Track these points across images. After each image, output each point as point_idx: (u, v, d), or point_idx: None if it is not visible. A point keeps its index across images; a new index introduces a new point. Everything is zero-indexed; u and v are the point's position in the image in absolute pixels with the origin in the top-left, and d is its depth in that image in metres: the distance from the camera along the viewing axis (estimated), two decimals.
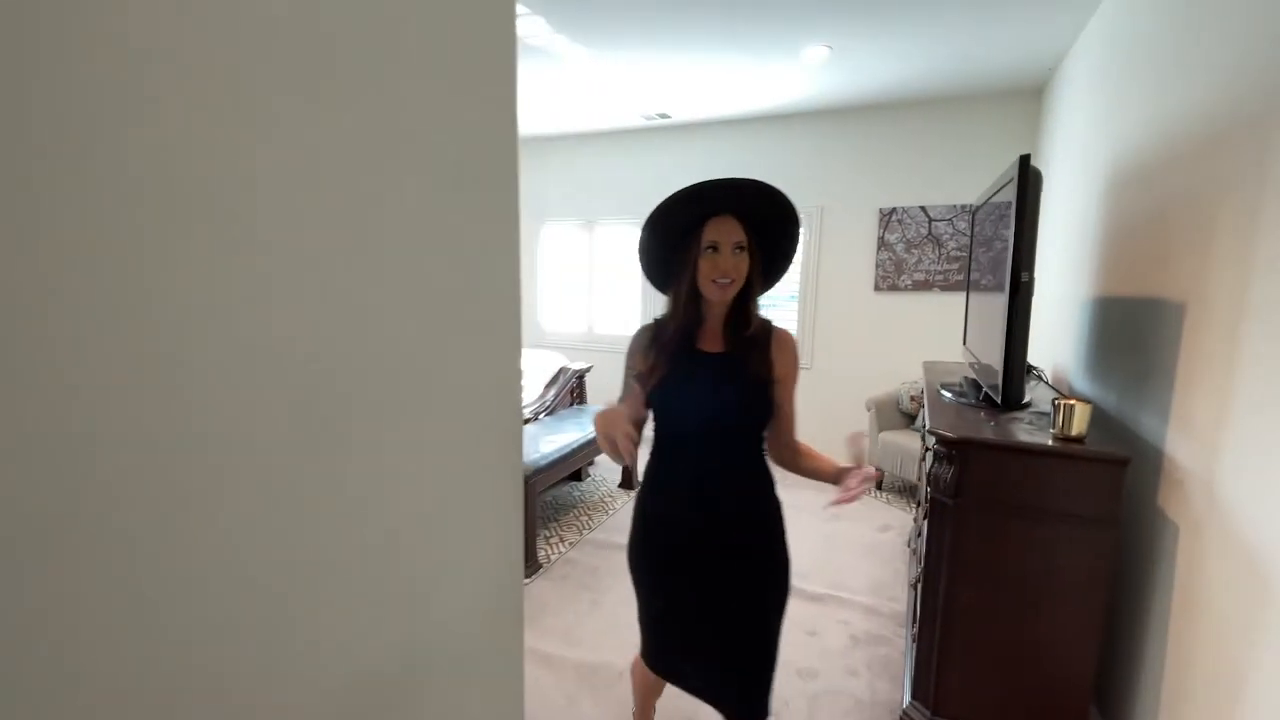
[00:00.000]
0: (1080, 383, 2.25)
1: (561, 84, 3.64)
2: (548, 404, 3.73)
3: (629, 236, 4.98)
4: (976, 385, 2.22)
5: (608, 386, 5.14)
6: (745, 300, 1.27)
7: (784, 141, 4.32)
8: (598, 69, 3.36)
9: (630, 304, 5.02)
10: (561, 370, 4.01)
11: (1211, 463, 1.26)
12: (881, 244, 4.10)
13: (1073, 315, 2.45)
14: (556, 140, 5.12)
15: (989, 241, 2.17)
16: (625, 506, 3.55)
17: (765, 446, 1.37)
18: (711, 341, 1.28)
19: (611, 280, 5.11)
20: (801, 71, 3.36)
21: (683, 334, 1.26)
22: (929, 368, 2.79)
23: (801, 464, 1.47)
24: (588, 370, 4.17)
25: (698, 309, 1.26)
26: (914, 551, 2.52)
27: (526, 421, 3.48)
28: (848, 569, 2.85)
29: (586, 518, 3.38)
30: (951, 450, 1.59)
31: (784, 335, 1.32)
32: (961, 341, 2.66)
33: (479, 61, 0.47)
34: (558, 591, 2.60)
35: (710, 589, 1.30)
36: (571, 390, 4.07)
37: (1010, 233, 1.66)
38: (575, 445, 3.18)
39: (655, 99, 3.92)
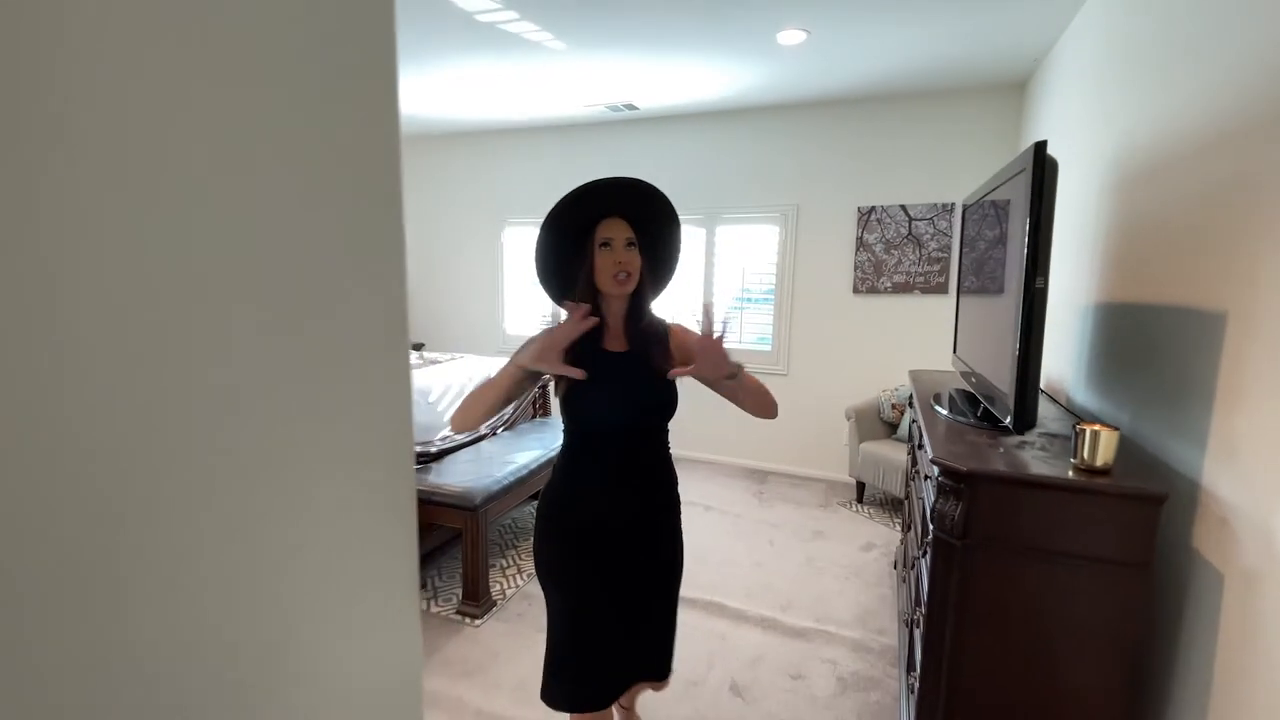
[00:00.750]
0: (1082, 396, 2.08)
1: (519, 72, 3.37)
2: (506, 418, 3.46)
3: None
4: (972, 399, 2.03)
5: None
6: (641, 299, 1.34)
7: (758, 135, 4.12)
8: (560, 54, 3.11)
9: None
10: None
11: (1272, 501, 1.08)
12: (860, 244, 3.94)
13: (1070, 321, 2.29)
14: (513, 134, 4.84)
15: (985, 242, 1.99)
16: None
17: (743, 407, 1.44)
18: (615, 341, 1.34)
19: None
20: (777, 59, 3.16)
21: (587, 334, 1.25)
22: (916, 378, 2.61)
23: (747, 396, 1.45)
24: (550, 380, 3.90)
25: (598, 309, 1.29)
26: (904, 580, 2.34)
27: (481, 438, 3.21)
28: (832, 596, 2.65)
29: None
30: (959, 484, 1.38)
31: (677, 328, 1.44)
32: (951, 349, 2.49)
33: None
34: (511, 635, 2.34)
35: (630, 581, 1.35)
36: (534, 402, 3.80)
37: (1021, 232, 1.47)
38: (536, 463, 2.92)
39: (622, 88, 3.68)
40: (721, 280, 4.34)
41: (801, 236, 4.09)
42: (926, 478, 1.62)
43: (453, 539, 2.98)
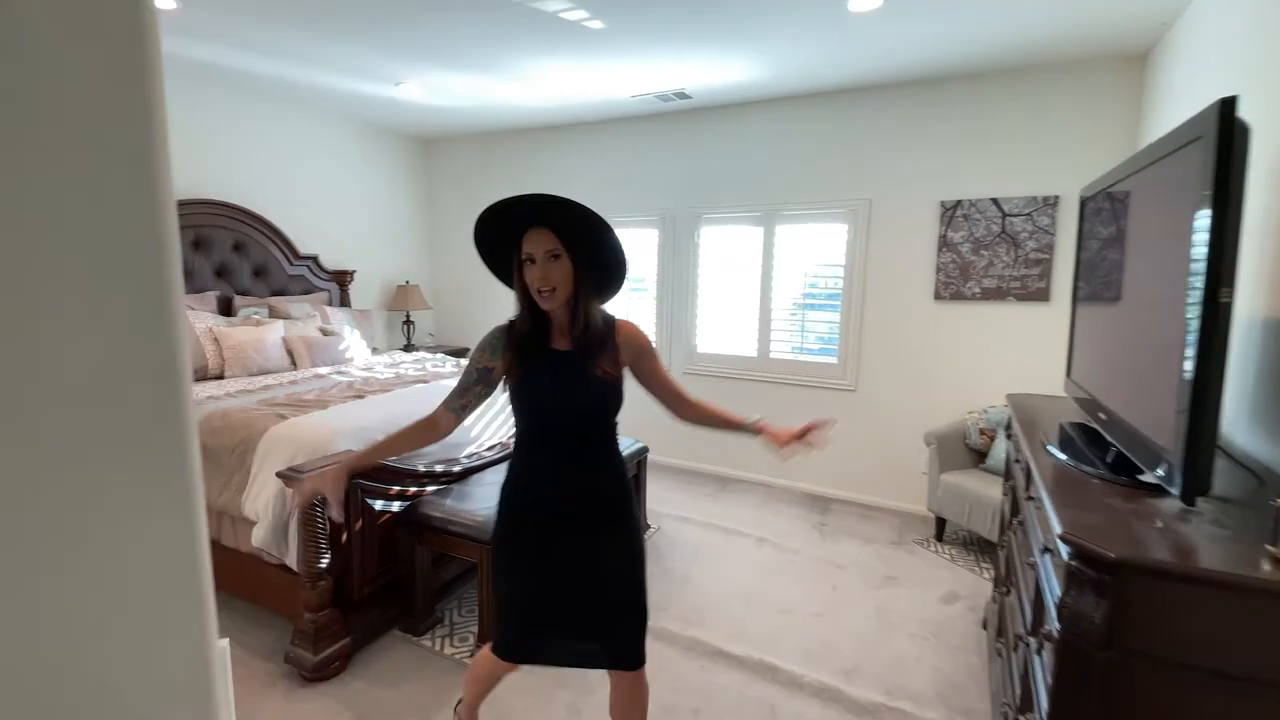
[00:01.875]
0: (1247, 439, 1.63)
1: (557, 59, 3.14)
2: None
3: (643, 239, 4.45)
4: (1097, 438, 1.63)
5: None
6: (579, 306, 1.36)
7: (825, 123, 3.74)
8: (600, 37, 2.85)
9: (644, 310, 4.49)
10: None
11: None
12: (944, 243, 3.49)
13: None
14: (556, 131, 4.63)
15: (1120, 239, 1.58)
16: None
17: (673, 414, 1.61)
18: (561, 339, 1.40)
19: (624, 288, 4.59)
20: (848, 31, 2.79)
21: (534, 333, 1.38)
22: (1017, 405, 2.19)
23: (710, 417, 1.63)
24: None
25: (540, 310, 1.37)
26: (999, 652, 1.93)
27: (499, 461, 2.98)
28: (907, 662, 2.27)
29: None
30: (1103, 575, 1.02)
31: (625, 325, 1.49)
32: (1065, 372, 2.07)
33: None
34: (530, 690, 2.08)
35: (584, 566, 1.41)
36: None
37: (1189, 224, 1.09)
38: None
39: (671, 73, 3.39)
40: (781, 284, 3.98)
41: (874, 235, 3.68)
42: (1046, 550, 1.25)
43: (474, 567, 2.77)
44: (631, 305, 4.55)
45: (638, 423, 4.72)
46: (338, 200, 4.70)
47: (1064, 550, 1.09)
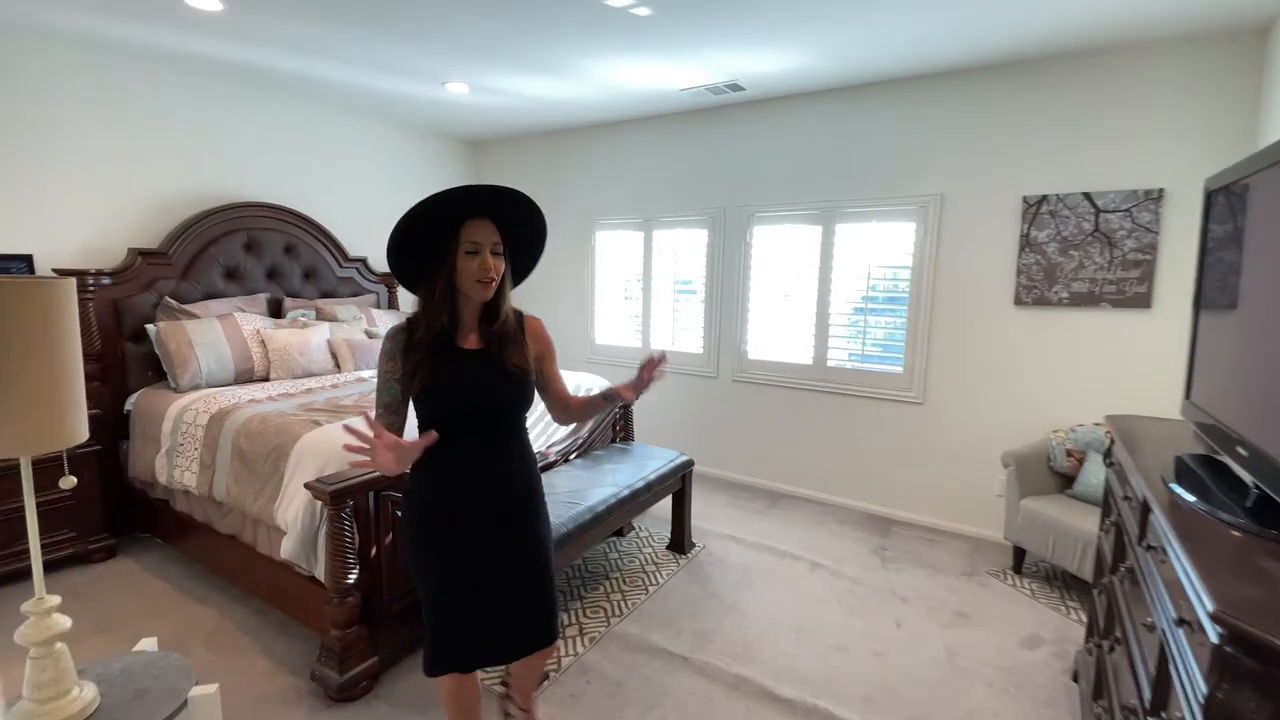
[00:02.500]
0: None
1: (605, 50, 3.01)
2: (581, 441, 3.11)
3: (692, 239, 4.28)
4: (1225, 474, 1.37)
5: (658, 417, 4.47)
6: (497, 301, 1.40)
7: (892, 114, 3.48)
8: (647, 25, 2.71)
9: (692, 314, 4.32)
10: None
11: None
12: (1026, 243, 3.17)
13: None
14: (602, 129, 4.52)
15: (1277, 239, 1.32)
16: (672, 580, 2.86)
17: (556, 416, 1.62)
18: (468, 338, 1.41)
19: (669, 288, 4.43)
20: (917, 11, 2.54)
21: (442, 333, 1.35)
22: (1120, 428, 1.91)
23: (582, 412, 1.64)
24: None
25: (455, 307, 1.36)
26: (1097, 717, 1.67)
27: (550, 465, 2.87)
28: (983, 716, 2.01)
29: (620, 596, 2.71)
30: (1273, 670, 0.79)
31: (533, 321, 1.54)
32: (1183, 392, 1.78)
33: None
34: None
35: (502, 559, 1.43)
36: (614, 423, 3.43)
37: None
38: (612, 500, 2.53)
39: (723, 62, 3.21)
40: (840, 287, 3.73)
41: (946, 234, 3.39)
42: (1183, 623, 1.01)
43: None
44: (680, 308, 4.39)
45: (679, 433, 4.57)
46: (388, 202, 4.73)
47: (1213, 631, 0.86)
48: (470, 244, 1.32)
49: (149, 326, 3.16)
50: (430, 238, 1.34)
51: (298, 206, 4.08)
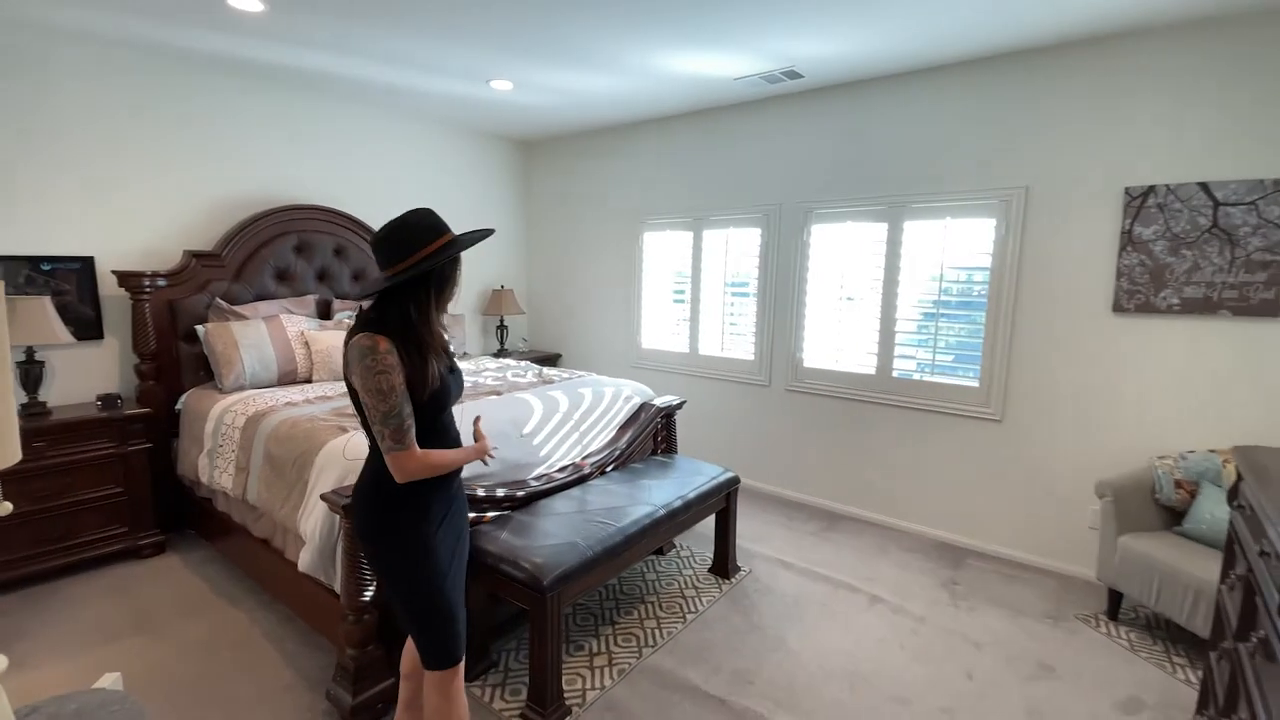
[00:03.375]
0: None
1: (654, 39, 2.85)
2: (618, 452, 2.95)
3: (744, 238, 4.06)
4: None
5: (705, 428, 4.27)
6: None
7: (968, 98, 3.15)
8: (702, 6, 2.53)
9: (744, 318, 4.10)
10: (643, 407, 3.22)
11: None
12: (1129, 241, 2.79)
13: None
14: (651, 126, 4.35)
15: None
16: (712, 607, 2.66)
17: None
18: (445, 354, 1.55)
19: (718, 291, 4.22)
20: None
21: (438, 339, 1.47)
22: (1250, 462, 1.59)
23: None
24: (679, 406, 3.33)
25: (433, 325, 1.47)
26: None
27: (586, 477, 2.73)
28: None
29: (654, 622, 2.54)
30: None
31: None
32: None
33: None
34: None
35: (460, 540, 1.58)
36: (656, 434, 3.26)
37: None
38: (644, 522, 2.36)
39: (780, 47, 2.99)
40: (908, 290, 3.42)
41: (1031, 230, 3.04)
42: None
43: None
44: (731, 312, 4.17)
45: (728, 445, 4.34)
46: (438, 205, 4.73)
47: None
48: (459, 267, 1.51)
49: (198, 327, 3.23)
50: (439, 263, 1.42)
51: (348, 209, 4.12)
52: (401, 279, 1.36)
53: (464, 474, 2.33)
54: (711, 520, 2.95)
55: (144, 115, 3.25)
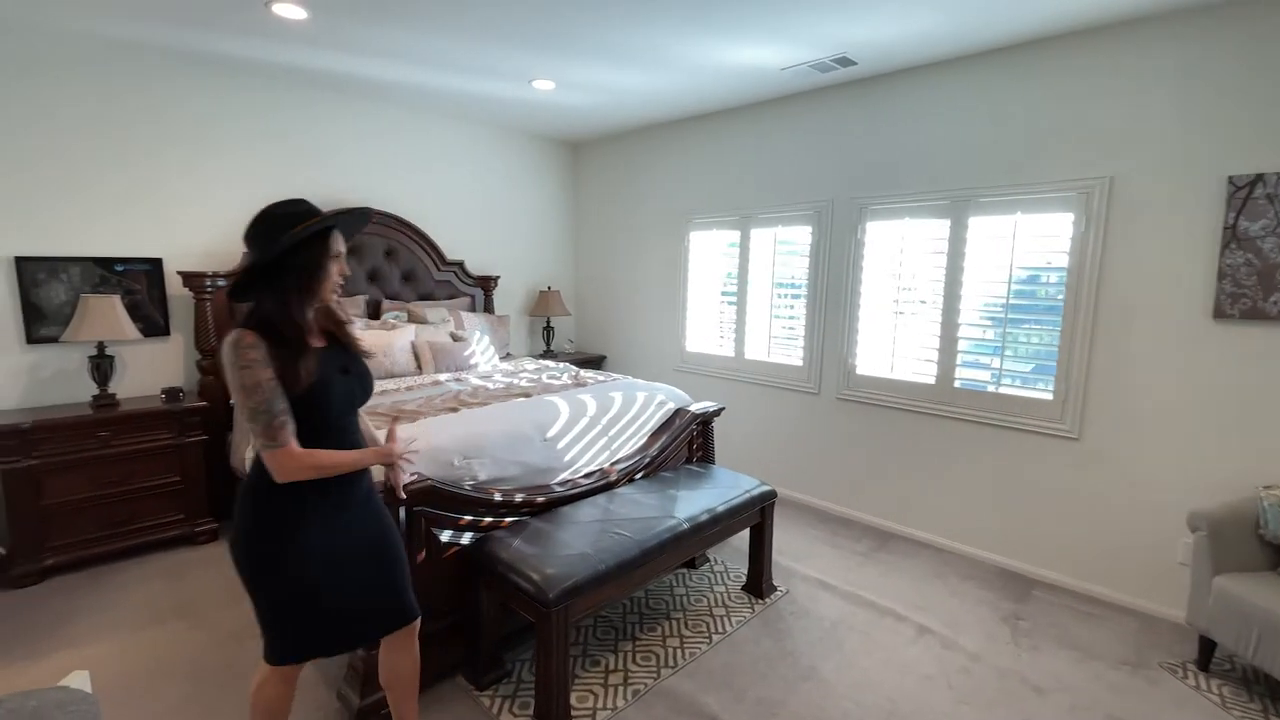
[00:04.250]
0: None
1: (694, 30, 2.75)
2: (649, 459, 2.86)
3: (794, 237, 3.88)
4: None
5: (749, 436, 4.11)
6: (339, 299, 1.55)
7: (1041, 80, 2.87)
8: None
9: (792, 321, 3.91)
10: (677, 413, 3.11)
11: None
12: (1233, 237, 2.45)
13: None
14: (695, 122, 4.23)
15: None
16: (742, 628, 2.52)
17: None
18: (315, 338, 1.45)
19: (765, 292, 4.05)
20: None
21: (306, 331, 1.40)
22: None
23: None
24: (717, 412, 3.20)
25: (303, 310, 1.40)
26: None
27: (613, 484, 2.65)
28: None
29: (677, 641, 2.42)
30: None
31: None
32: None
33: None
34: None
35: (359, 543, 1.48)
36: (691, 441, 3.14)
37: None
38: (670, 532, 2.26)
39: (831, 34, 2.82)
40: (973, 291, 3.15)
41: (1116, 226, 2.73)
42: None
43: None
44: (778, 315, 3.99)
45: (774, 454, 4.15)
46: (486, 206, 4.81)
47: None
48: (335, 252, 1.43)
49: None
50: (290, 251, 1.35)
51: (398, 211, 4.23)
52: (257, 269, 1.34)
53: (483, 477, 2.33)
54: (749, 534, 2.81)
55: (202, 125, 3.43)
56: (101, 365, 3.03)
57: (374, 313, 4.01)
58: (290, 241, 1.33)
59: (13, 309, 3.00)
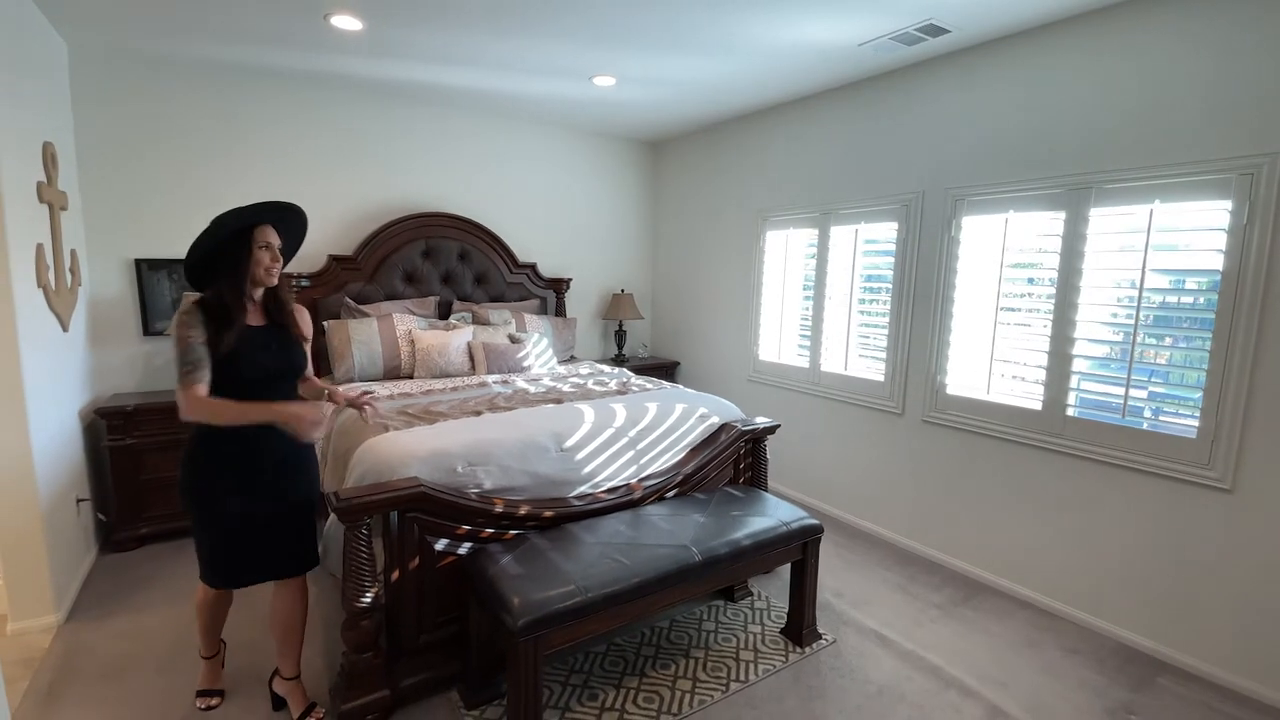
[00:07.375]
0: None
1: (756, 5, 2.52)
2: (682, 477, 2.64)
3: (877, 235, 3.47)
4: None
5: (819, 456, 3.73)
6: (278, 287, 1.87)
7: (1180, 41, 2.29)
8: None
9: (873, 331, 3.49)
10: (723, 429, 2.86)
11: None
12: None
13: None
14: (770, 114, 3.91)
15: None
16: (768, 679, 2.24)
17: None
18: (255, 317, 1.83)
19: (844, 298, 3.65)
20: None
21: (240, 309, 1.74)
22: None
23: (311, 390, 2.09)
24: (770, 430, 2.91)
25: (244, 293, 1.77)
26: None
27: (640, 500, 2.48)
28: None
29: (689, 684, 2.19)
30: None
31: (300, 306, 1.99)
32: None
33: None
34: None
35: (278, 497, 1.83)
36: (738, 461, 2.88)
37: None
38: (679, 564, 2.05)
39: None
40: (1094, 297, 2.61)
41: None
42: None
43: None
44: (858, 323, 3.59)
45: (846, 478, 3.72)
46: (563, 208, 4.83)
47: None
48: (264, 243, 1.78)
49: (324, 323, 3.61)
50: (225, 243, 1.73)
51: (473, 215, 4.36)
52: (204, 260, 1.74)
53: (489, 485, 2.26)
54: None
55: (288, 136, 3.72)
56: None
57: (444, 313, 4.15)
58: (225, 235, 1.72)
59: (133, 305, 3.42)
